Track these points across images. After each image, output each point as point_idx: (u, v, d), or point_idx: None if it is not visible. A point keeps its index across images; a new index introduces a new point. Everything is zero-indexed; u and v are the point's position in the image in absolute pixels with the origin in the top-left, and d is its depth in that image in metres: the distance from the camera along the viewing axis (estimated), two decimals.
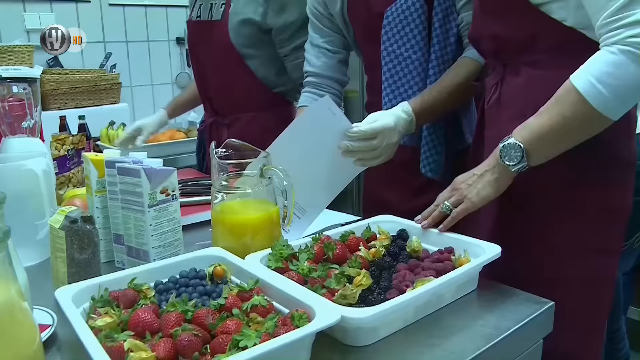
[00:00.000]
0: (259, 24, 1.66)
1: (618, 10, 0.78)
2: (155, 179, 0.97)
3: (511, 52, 0.98)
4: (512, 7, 0.93)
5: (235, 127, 1.81)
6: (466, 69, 1.25)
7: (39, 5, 2.84)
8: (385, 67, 1.34)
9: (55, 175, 1.54)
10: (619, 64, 0.78)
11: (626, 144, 0.91)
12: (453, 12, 1.28)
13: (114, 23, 3.05)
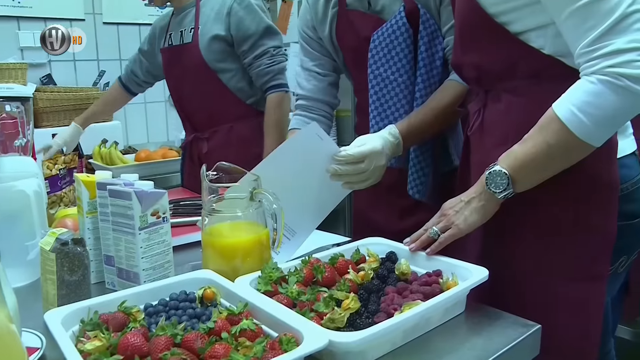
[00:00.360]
0: (224, 38, 1.86)
1: (595, 41, 0.80)
2: (146, 201, 0.98)
3: (492, 80, 1.01)
4: (490, 36, 0.96)
5: (214, 139, 1.98)
6: (452, 92, 1.27)
7: (33, 23, 2.85)
8: (372, 90, 1.36)
9: (47, 195, 1.55)
10: (599, 94, 0.80)
11: (607, 169, 0.93)
12: (438, 36, 1.31)
13: (107, 41, 3.07)
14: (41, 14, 2.85)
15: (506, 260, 1.00)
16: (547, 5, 0.86)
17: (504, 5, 0.92)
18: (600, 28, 0.79)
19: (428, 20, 1.29)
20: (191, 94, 1.99)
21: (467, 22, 1.01)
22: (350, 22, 1.40)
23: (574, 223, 0.94)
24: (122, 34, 3.11)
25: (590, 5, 0.79)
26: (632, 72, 0.77)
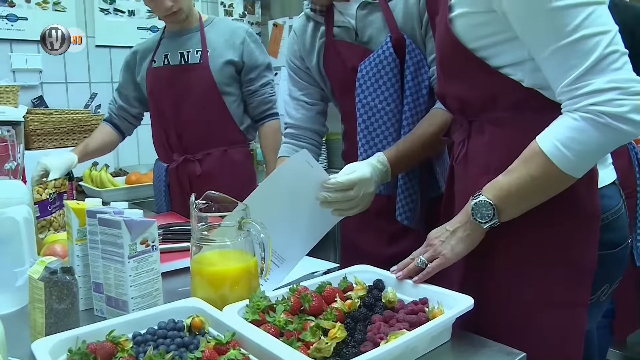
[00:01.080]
0: (235, 64, 1.98)
1: (576, 80, 0.83)
2: (136, 230, 0.99)
3: (474, 111, 1.03)
4: (470, 70, 0.98)
5: (208, 162, 2.01)
6: (438, 120, 1.29)
7: (26, 45, 2.88)
8: (360, 119, 1.39)
9: (37, 219, 1.55)
10: (582, 130, 0.83)
11: (589, 199, 0.95)
12: (424, 65, 1.34)
13: (100, 64, 3.10)
14: (34, 36, 2.86)
15: (488, 287, 1.01)
16: (527, 43, 0.89)
17: (482, 41, 0.95)
18: (581, 68, 0.82)
19: (414, 50, 1.32)
20: (191, 114, 2.00)
21: (447, 56, 1.03)
22: (337, 53, 1.43)
23: (555, 252, 0.96)
24: (115, 57, 3.13)
25: (571, 45, 0.82)
26: (612, 110, 0.80)
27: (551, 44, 0.84)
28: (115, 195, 2.35)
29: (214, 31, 2.01)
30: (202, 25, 2.02)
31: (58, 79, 2.97)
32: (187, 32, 2.02)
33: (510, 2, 0.86)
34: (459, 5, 0.96)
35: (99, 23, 3.08)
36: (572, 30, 0.81)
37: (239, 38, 1.99)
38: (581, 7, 0.81)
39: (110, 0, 3.10)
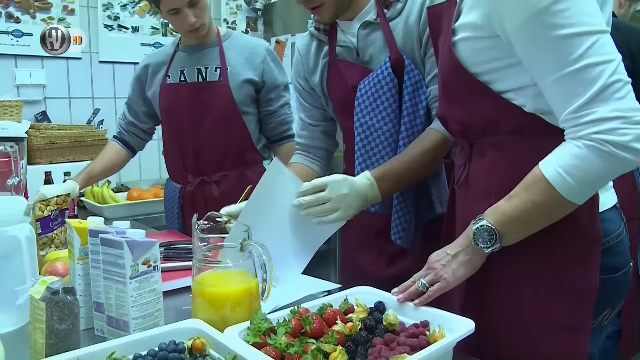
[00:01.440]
0: (255, 83, 1.91)
1: (580, 108, 0.83)
2: (138, 250, 0.99)
3: (476, 134, 1.04)
4: (472, 94, 0.99)
5: (224, 184, 1.94)
6: (430, 140, 1.30)
7: (31, 61, 2.90)
8: (358, 138, 1.40)
9: (38, 236, 1.55)
10: (585, 158, 0.83)
11: (590, 223, 0.95)
12: (422, 86, 1.35)
13: (103, 79, 3.12)
14: (39, 52, 2.88)
15: (489, 311, 1.01)
16: (530, 69, 0.89)
17: (485, 65, 0.95)
18: (585, 96, 0.82)
19: (413, 71, 1.33)
20: (209, 134, 1.92)
21: (450, 79, 1.04)
22: (339, 72, 1.45)
23: (556, 277, 0.96)
24: (118, 72, 3.15)
25: (575, 73, 0.83)
26: (615, 139, 0.81)
27: (555, 72, 0.84)
28: (117, 212, 2.35)
29: (233, 47, 1.94)
30: (220, 40, 1.94)
31: (61, 94, 2.99)
32: (205, 46, 1.94)
33: (514, 29, 0.87)
34: (463, 29, 0.97)
35: (103, 39, 3.10)
36: (576, 58, 0.82)
37: (259, 57, 1.92)
38: (585, 36, 0.81)
39: (115, 17, 3.13)
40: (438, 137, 1.29)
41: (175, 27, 1.91)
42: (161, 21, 3.28)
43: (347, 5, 1.40)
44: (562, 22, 0.81)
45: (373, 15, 1.39)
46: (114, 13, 3.13)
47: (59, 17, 2.95)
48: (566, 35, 0.82)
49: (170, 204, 2.06)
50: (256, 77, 1.91)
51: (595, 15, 0.83)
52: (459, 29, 0.98)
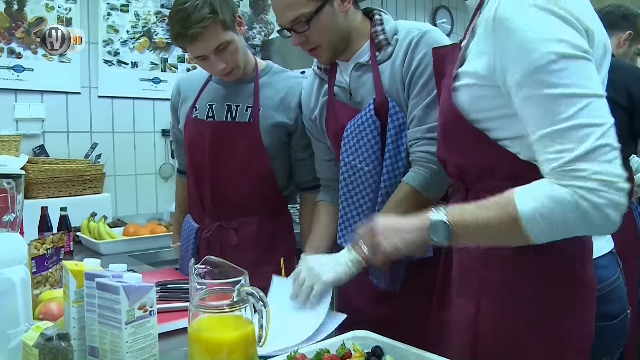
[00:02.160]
0: (288, 126, 1.74)
1: (566, 164, 0.83)
2: (134, 295, 0.98)
3: (472, 179, 1.05)
4: (470, 140, 1.00)
5: (243, 231, 1.80)
6: (400, 195, 1.34)
7: (30, 95, 2.91)
8: (342, 177, 1.44)
9: (33, 274, 1.54)
10: (562, 204, 0.83)
11: (583, 271, 0.95)
12: (405, 129, 1.37)
13: (101, 114, 3.13)
14: (38, 87, 2.91)
15: (486, 357, 1.01)
16: (524, 122, 0.90)
17: (484, 113, 0.97)
18: (572, 154, 0.82)
19: (397, 113, 1.36)
20: (232, 178, 1.77)
21: (448, 124, 1.05)
22: (334, 111, 1.48)
23: (551, 325, 0.95)
24: (116, 107, 3.17)
25: (564, 132, 0.83)
26: (593, 199, 0.81)
27: (545, 128, 0.85)
28: (113, 248, 2.34)
29: (270, 85, 1.76)
30: (257, 76, 1.76)
31: (60, 128, 3.00)
32: (239, 82, 1.76)
33: (513, 82, 0.88)
34: (465, 76, 0.99)
35: (103, 74, 3.13)
36: (566, 117, 0.83)
37: (295, 98, 1.72)
38: (578, 97, 0.83)
39: (115, 52, 3.16)
40: (407, 192, 1.32)
41: (207, 71, 1.76)
42: (160, 57, 3.31)
43: (345, 46, 1.43)
44: (558, 81, 0.83)
45: (366, 57, 1.42)
46: (114, 49, 3.16)
47: (60, 52, 2.98)
48: (560, 94, 0.83)
49: (185, 242, 1.92)
50: (290, 120, 1.73)
51: (592, 79, 0.84)
52: (461, 75, 1.00)
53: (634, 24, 2.43)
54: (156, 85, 3.30)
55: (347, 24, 1.40)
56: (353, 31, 1.42)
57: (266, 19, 3.82)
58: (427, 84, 1.33)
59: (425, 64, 1.33)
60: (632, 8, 2.45)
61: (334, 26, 1.38)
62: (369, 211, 1.42)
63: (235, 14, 1.64)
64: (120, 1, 3.18)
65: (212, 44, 1.59)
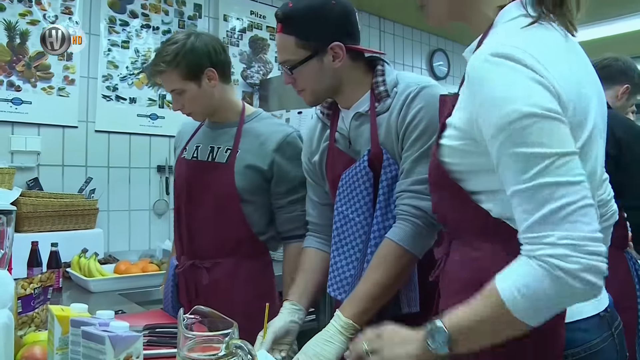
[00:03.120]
0: (264, 171, 1.76)
1: (531, 228, 0.81)
2: (120, 346, 0.96)
3: (452, 231, 1.05)
4: (449, 191, 1.00)
5: (216, 271, 1.81)
6: (386, 251, 1.31)
7: (27, 128, 2.91)
8: (334, 226, 1.44)
9: (18, 315, 1.50)
10: (536, 279, 0.80)
11: (552, 335, 0.93)
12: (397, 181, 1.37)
13: (97, 148, 3.13)
14: (36, 119, 2.91)
15: None
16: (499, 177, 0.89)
17: (462, 165, 0.97)
18: (535, 216, 0.81)
19: (390, 166, 1.36)
20: (204, 217, 1.81)
21: (432, 173, 1.06)
22: (334, 158, 1.48)
23: None
24: (113, 142, 3.18)
25: (528, 191, 0.82)
26: (566, 266, 0.78)
27: (512, 186, 0.84)
28: (103, 285, 2.31)
29: (253, 130, 1.81)
30: (242, 120, 1.84)
31: (55, 161, 2.99)
32: (225, 125, 1.85)
33: (488, 137, 0.88)
34: (450, 127, 0.99)
35: (100, 109, 3.14)
36: (530, 177, 0.82)
37: (272, 144, 1.76)
38: (542, 156, 0.81)
39: (113, 88, 3.18)
40: (390, 247, 1.31)
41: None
42: (159, 93, 3.33)
43: (331, 93, 1.45)
44: (524, 139, 0.82)
45: (366, 107, 1.42)
46: (113, 84, 3.19)
47: (59, 86, 2.99)
48: (525, 152, 0.82)
49: (168, 280, 1.97)
50: (265, 165, 1.75)
51: (560, 137, 0.83)
52: (448, 126, 1.00)
53: (631, 77, 2.45)
54: (153, 121, 3.32)
55: (337, 77, 1.41)
56: (348, 82, 1.42)
57: (265, 58, 3.87)
58: (419, 138, 1.33)
59: (419, 119, 1.33)
60: (629, 61, 2.48)
61: (318, 78, 1.40)
62: (357, 262, 1.40)
63: (202, 68, 1.74)
64: (121, 37, 3.21)
65: (167, 86, 1.77)
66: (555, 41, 0.93)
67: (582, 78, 0.94)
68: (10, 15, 2.83)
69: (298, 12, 1.37)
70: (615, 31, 4.58)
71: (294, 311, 1.47)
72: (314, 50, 1.37)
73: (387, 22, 4.69)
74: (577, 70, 0.93)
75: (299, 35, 1.37)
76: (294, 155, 1.75)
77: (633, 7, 4.21)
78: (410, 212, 1.32)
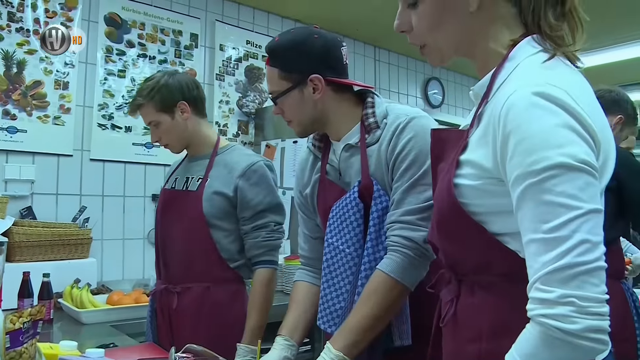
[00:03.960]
0: (229, 197, 1.85)
1: (539, 280, 0.79)
2: None
3: (466, 271, 1.00)
4: (467, 232, 0.96)
5: (186, 296, 1.88)
6: (377, 283, 1.30)
7: (22, 157, 2.90)
8: (324, 258, 1.43)
9: (6, 350, 1.47)
10: (531, 344, 0.79)
11: None
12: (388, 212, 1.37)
13: (92, 177, 3.12)
14: (31, 148, 2.91)
15: None
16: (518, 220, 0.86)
17: (484, 206, 0.93)
18: (545, 269, 0.78)
19: (380, 197, 1.36)
20: (176, 242, 1.92)
21: (445, 212, 1.00)
22: (324, 189, 1.49)
23: None
24: (108, 170, 3.17)
25: (545, 242, 0.80)
26: (565, 327, 0.76)
27: (530, 234, 0.82)
28: (95, 317, 2.28)
29: (224, 160, 1.92)
30: (215, 152, 1.95)
31: (49, 190, 2.98)
32: (199, 157, 1.99)
33: (511, 180, 0.85)
34: (467, 165, 0.95)
35: (96, 137, 3.14)
36: (550, 228, 0.79)
37: (238, 170, 1.85)
38: (565, 208, 0.79)
39: (109, 116, 3.19)
40: (380, 279, 1.30)
41: None
42: None
43: (319, 125, 1.47)
44: (552, 188, 0.80)
45: (356, 139, 1.43)
46: (109, 112, 3.19)
47: (54, 115, 3.00)
48: (550, 201, 0.80)
49: (149, 306, 2.04)
50: (230, 191, 1.84)
51: (589, 192, 0.80)
52: (464, 164, 0.95)
53: (624, 108, 2.48)
54: (149, 150, 3.31)
55: (320, 109, 1.44)
56: (335, 114, 1.45)
57: (260, 87, 3.89)
58: (409, 168, 1.33)
59: (409, 149, 1.33)
60: (622, 92, 2.51)
61: (301, 109, 1.44)
62: (348, 294, 1.39)
63: (174, 102, 1.90)
64: (117, 66, 3.23)
65: (145, 119, 1.95)
66: (581, 79, 0.92)
67: (604, 116, 0.92)
68: (8, 44, 2.85)
69: (282, 46, 1.44)
70: (603, 61, 4.64)
71: (287, 347, 1.45)
72: (294, 81, 1.43)
73: (382, 51, 4.74)
74: (600, 109, 0.92)
75: (282, 67, 1.44)
76: (259, 182, 1.85)
77: (621, 37, 4.26)
78: (401, 243, 1.31)
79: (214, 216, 1.85)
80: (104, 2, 3.20)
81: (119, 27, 3.26)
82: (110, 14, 3.23)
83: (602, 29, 3.90)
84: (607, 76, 4.89)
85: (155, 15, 3.40)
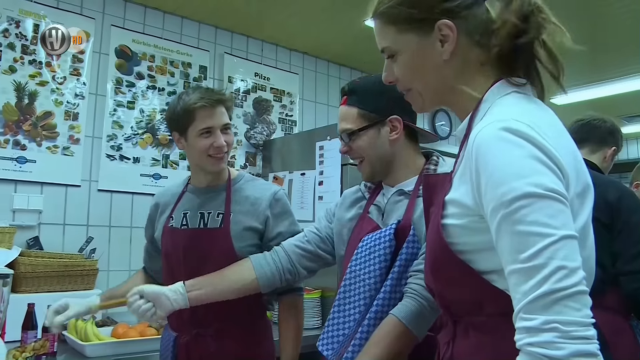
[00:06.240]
0: (258, 230, 1.82)
1: (522, 309, 0.79)
2: None
3: (459, 312, 1.01)
4: (456, 272, 0.96)
5: (221, 338, 1.78)
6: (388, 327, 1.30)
7: (30, 187, 2.91)
8: (343, 282, 1.45)
9: None
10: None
11: None
12: (416, 259, 1.37)
13: (99, 208, 3.13)
14: (39, 178, 2.92)
15: None
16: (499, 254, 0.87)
17: (469, 244, 0.94)
18: (527, 298, 0.78)
19: (414, 242, 1.37)
20: None
21: (435, 253, 1.01)
22: (362, 225, 1.52)
23: None
24: (115, 201, 3.18)
25: (524, 272, 0.80)
26: (551, 353, 0.75)
27: (508, 265, 0.82)
28: (99, 350, 2.25)
29: (241, 192, 1.86)
30: (229, 184, 1.87)
31: (56, 220, 2.98)
32: (212, 190, 1.87)
33: (487, 214, 0.87)
34: (451, 204, 0.97)
35: (104, 168, 3.16)
36: (526, 257, 0.79)
37: (264, 202, 1.82)
38: (540, 237, 0.80)
39: (118, 147, 3.21)
40: (391, 324, 1.30)
41: (201, 151, 1.79)
42: (162, 153, 3.36)
43: (386, 171, 1.52)
44: (524, 218, 0.81)
45: (410, 187, 1.48)
46: (118, 143, 3.22)
47: (64, 145, 3.02)
48: (523, 231, 0.81)
49: (164, 351, 1.89)
50: (258, 224, 1.81)
51: (560, 219, 0.81)
52: (448, 203, 0.98)
53: (617, 139, 2.49)
54: (156, 181, 3.33)
55: (391, 152, 1.50)
56: (399, 161, 1.51)
57: (268, 119, 3.92)
58: None
59: None
60: (615, 123, 2.53)
61: (374, 147, 1.50)
62: (354, 323, 1.40)
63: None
64: (127, 98, 3.27)
65: (225, 118, 1.80)
66: (548, 115, 0.96)
67: (574, 149, 0.96)
68: (21, 76, 2.89)
69: (363, 87, 1.52)
70: (607, 93, 4.68)
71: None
72: (373, 120, 1.49)
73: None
74: (569, 143, 0.96)
75: (361, 106, 1.50)
76: (282, 211, 1.86)
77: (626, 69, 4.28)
78: (419, 292, 1.33)
79: (246, 252, 1.76)
80: (115, 35, 3.26)
81: (129, 59, 3.30)
82: (121, 47, 3.28)
83: (608, 62, 3.93)
84: (611, 108, 4.91)
85: (165, 48, 3.45)
